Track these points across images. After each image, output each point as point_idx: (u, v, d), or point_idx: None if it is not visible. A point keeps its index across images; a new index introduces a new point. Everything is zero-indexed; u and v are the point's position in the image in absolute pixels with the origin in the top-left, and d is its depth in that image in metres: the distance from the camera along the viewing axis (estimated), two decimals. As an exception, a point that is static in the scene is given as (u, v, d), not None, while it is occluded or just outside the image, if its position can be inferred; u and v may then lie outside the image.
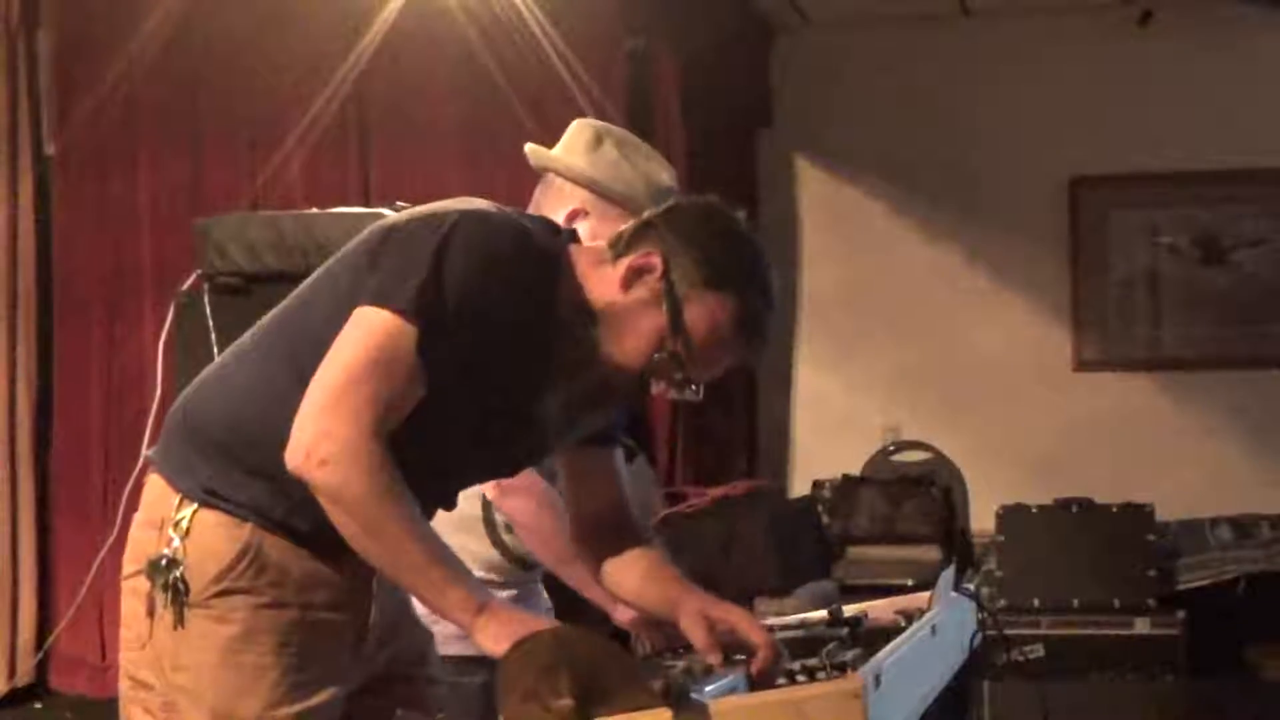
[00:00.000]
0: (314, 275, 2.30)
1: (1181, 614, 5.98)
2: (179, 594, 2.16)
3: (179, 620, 2.17)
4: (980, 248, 7.50)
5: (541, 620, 2.06)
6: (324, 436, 2.04)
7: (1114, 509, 6.26)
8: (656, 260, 2.18)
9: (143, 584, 2.20)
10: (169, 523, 2.19)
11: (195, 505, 2.19)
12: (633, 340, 2.19)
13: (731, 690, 2.05)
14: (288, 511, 2.17)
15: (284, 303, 2.31)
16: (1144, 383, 7.42)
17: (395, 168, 6.88)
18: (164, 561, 2.17)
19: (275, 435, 2.09)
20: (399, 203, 4.44)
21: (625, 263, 2.20)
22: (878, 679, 1.93)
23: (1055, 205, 7.50)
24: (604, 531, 2.44)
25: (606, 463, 2.46)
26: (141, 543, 2.24)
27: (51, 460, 6.99)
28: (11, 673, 6.71)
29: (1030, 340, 7.48)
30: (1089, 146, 7.41)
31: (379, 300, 2.11)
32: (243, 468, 2.17)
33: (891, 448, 7.24)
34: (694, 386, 2.22)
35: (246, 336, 2.31)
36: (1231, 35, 7.24)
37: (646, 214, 2.27)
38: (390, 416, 2.08)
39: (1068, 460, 7.12)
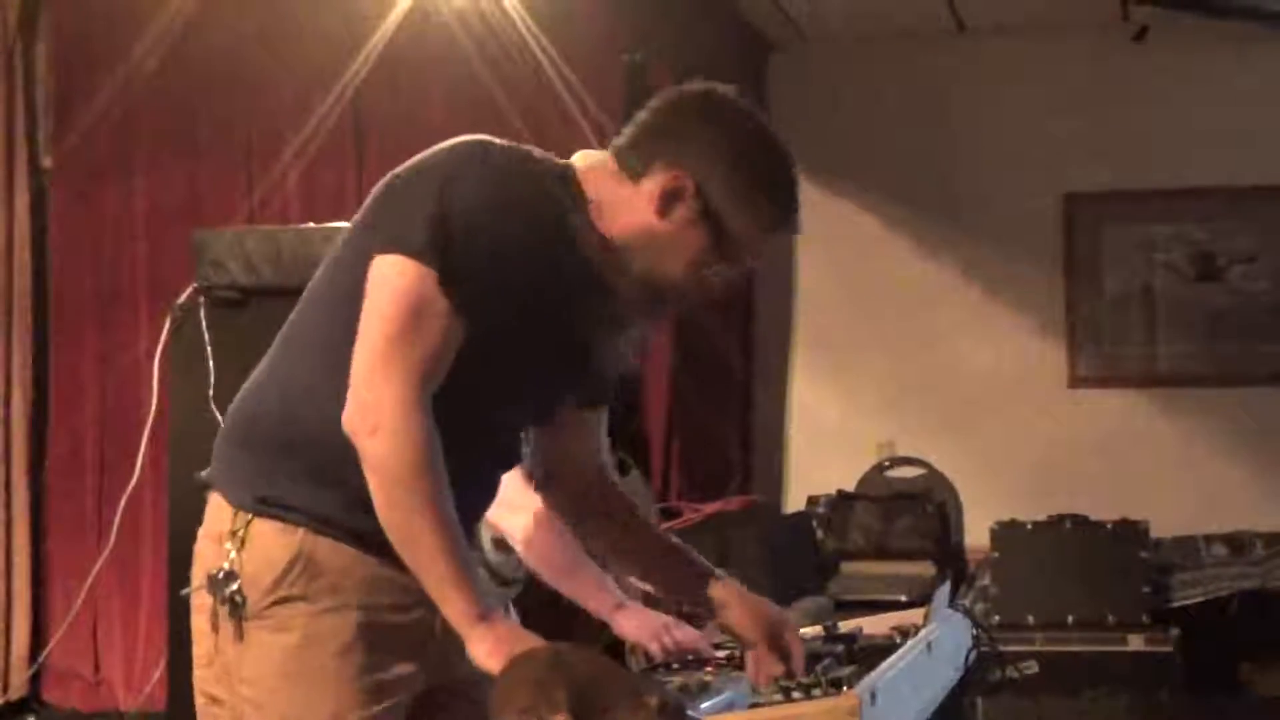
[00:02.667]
0: (325, 260, 2.26)
1: (1175, 631, 5.98)
2: (238, 607, 2.14)
3: (239, 633, 2.16)
4: (975, 264, 7.50)
5: (538, 638, 2.05)
6: (375, 403, 2.03)
7: (1108, 526, 6.27)
8: (688, 183, 2.15)
9: (206, 599, 2.19)
10: (226, 536, 2.18)
11: (250, 516, 2.17)
12: (678, 261, 2.18)
13: (729, 706, 2.05)
14: (346, 511, 2.13)
15: (304, 295, 2.27)
16: (1138, 399, 7.41)
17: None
18: (221, 575, 2.16)
19: (321, 426, 2.08)
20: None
21: (652, 188, 2.16)
22: (874, 696, 1.93)
23: (1050, 221, 7.49)
24: (587, 493, 2.45)
25: (596, 424, 2.43)
26: (203, 558, 2.22)
27: (46, 473, 6.98)
28: (5, 686, 6.70)
29: (1025, 356, 7.47)
30: (1084, 163, 7.41)
31: (391, 246, 2.08)
32: (295, 467, 2.14)
33: (886, 464, 7.24)
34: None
35: (277, 338, 2.28)
36: (1227, 52, 7.24)
37: (644, 115, 2.22)
38: (437, 369, 2.06)
39: (1062, 477, 7.10)
